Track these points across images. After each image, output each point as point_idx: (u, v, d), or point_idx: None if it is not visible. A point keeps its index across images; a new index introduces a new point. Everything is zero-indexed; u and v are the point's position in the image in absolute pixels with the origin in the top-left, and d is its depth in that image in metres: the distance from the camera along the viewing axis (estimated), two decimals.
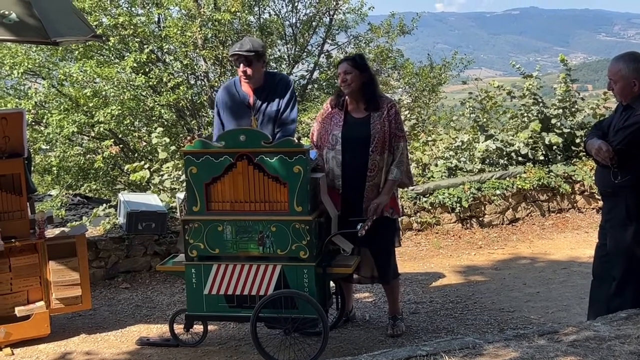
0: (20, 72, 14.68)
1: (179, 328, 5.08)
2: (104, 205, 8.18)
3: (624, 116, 4.37)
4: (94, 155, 15.54)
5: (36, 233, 5.33)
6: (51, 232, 5.95)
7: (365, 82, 5.05)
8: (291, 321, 4.65)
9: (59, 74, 15.30)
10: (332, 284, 5.17)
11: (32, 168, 6.33)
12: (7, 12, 4.49)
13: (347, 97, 5.09)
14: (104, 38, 13.42)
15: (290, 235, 4.60)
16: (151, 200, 7.24)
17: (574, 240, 8.05)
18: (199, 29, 15.09)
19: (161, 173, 8.34)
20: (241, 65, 5.09)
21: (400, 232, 5.46)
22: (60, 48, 14.33)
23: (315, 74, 19.20)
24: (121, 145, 15.82)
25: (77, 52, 15.13)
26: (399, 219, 5.40)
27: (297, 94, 17.80)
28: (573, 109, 9.65)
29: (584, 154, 8.89)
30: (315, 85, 19.17)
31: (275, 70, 14.34)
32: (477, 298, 6.05)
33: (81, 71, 14.34)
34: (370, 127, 4.98)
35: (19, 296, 5.30)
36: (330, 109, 5.18)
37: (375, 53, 18.79)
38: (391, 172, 5.00)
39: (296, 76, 19.07)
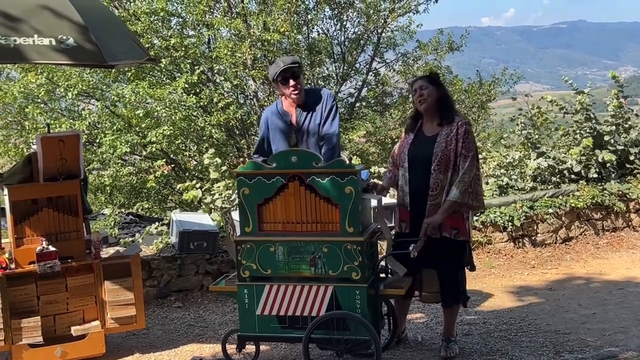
0: (75, 93, 14.96)
1: (231, 348, 5.11)
2: (156, 224, 8.29)
3: None
4: (145, 175, 15.74)
5: (92, 253, 5.42)
6: (106, 251, 6.04)
7: (440, 97, 5.05)
8: (343, 342, 4.64)
9: (112, 95, 15.58)
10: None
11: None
12: (64, 37, 4.60)
13: (423, 115, 5.08)
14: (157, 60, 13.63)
15: (342, 256, 4.60)
16: (203, 219, 7.32)
17: (629, 259, 7.88)
18: (248, 49, 15.23)
19: (212, 192, 8.42)
20: (290, 80, 5.17)
21: (470, 254, 5.24)
22: (114, 70, 14.59)
23: (363, 92, 19.19)
24: (172, 165, 16.01)
25: (129, 73, 15.37)
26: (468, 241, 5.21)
27: (344, 111, 17.87)
28: (626, 126, 9.47)
29: None
30: (364, 103, 19.16)
31: (315, 86, 14.38)
32: (531, 319, 5.95)
33: (134, 92, 14.56)
34: (435, 145, 4.95)
35: (74, 316, 5.39)
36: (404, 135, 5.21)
37: (424, 70, 18.72)
38: (450, 191, 4.89)
39: (344, 94, 19.08)
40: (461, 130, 4.92)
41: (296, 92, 5.24)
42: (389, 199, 5.65)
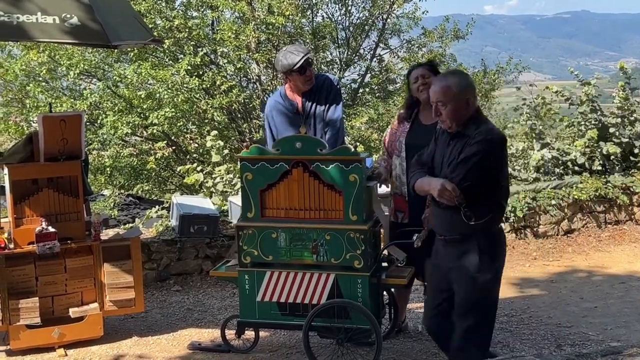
0: (76, 73, 14.89)
1: (230, 334, 5.08)
2: (157, 207, 8.24)
3: (457, 146, 3.88)
4: (146, 157, 15.68)
5: (92, 235, 5.37)
6: (106, 233, 5.99)
7: None
8: (344, 331, 4.60)
9: (113, 76, 15.50)
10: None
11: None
12: (68, 16, 4.54)
13: (420, 104, 5.00)
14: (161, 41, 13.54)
15: (344, 244, 4.55)
16: (203, 203, 7.27)
17: (631, 253, 7.83)
18: (252, 32, 15.11)
19: (214, 176, 8.36)
20: (307, 71, 5.07)
21: None
22: (116, 50, 14.50)
23: (367, 78, 19.08)
24: (174, 147, 15.94)
25: (132, 54, 15.27)
26: None
27: (347, 97, 17.78)
28: (632, 118, 9.39)
29: None
30: (367, 89, 19.05)
31: (319, 71, 14.28)
32: (532, 312, 5.92)
33: (136, 73, 14.47)
34: None
35: (73, 297, 5.35)
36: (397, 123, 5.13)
37: (428, 58, 18.61)
38: None
39: (347, 80, 18.98)
40: None
41: (310, 80, 5.17)
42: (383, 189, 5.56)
